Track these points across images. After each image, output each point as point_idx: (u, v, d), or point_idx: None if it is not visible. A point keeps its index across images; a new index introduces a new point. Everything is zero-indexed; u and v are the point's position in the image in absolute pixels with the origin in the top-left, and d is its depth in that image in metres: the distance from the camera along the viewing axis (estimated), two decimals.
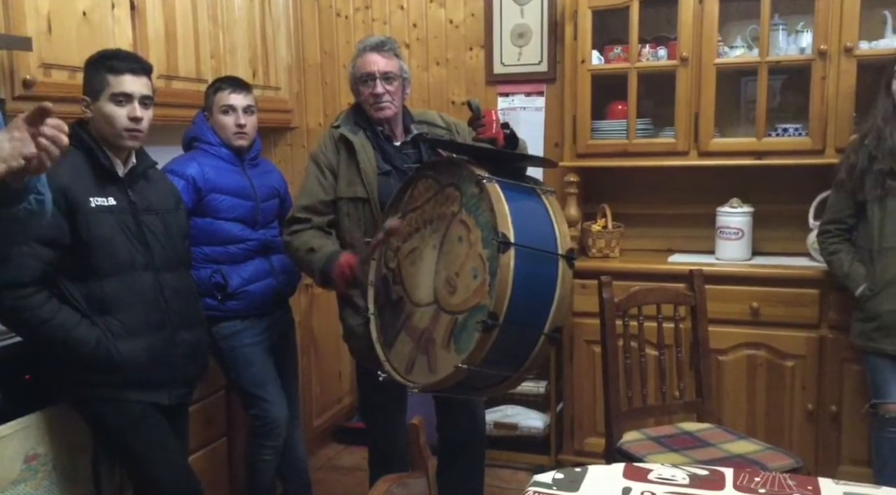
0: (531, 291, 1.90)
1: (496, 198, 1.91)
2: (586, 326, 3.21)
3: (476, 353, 1.87)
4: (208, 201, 2.61)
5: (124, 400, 2.12)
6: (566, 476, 1.61)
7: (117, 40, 2.67)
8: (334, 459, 3.69)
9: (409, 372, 2.11)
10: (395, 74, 2.41)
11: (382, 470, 2.41)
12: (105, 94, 2.08)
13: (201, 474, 2.52)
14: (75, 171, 2.06)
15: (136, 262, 2.13)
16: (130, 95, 2.09)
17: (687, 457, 2.31)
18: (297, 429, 2.94)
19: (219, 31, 3.28)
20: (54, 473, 2.16)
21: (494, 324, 1.84)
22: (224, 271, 2.63)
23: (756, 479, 1.57)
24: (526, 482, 2.03)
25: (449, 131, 2.54)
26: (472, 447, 2.64)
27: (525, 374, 2.05)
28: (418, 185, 2.26)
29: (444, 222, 2.10)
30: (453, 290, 2.00)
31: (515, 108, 3.74)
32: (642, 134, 3.31)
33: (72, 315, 2.03)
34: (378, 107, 2.41)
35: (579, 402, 3.33)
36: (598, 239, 3.38)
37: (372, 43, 2.44)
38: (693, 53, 3.14)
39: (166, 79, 2.94)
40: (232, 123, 2.65)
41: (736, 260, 3.21)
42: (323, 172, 2.43)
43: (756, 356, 3.05)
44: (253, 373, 2.68)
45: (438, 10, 3.84)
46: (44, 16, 2.42)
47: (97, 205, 2.07)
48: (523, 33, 3.68)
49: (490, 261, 1.89)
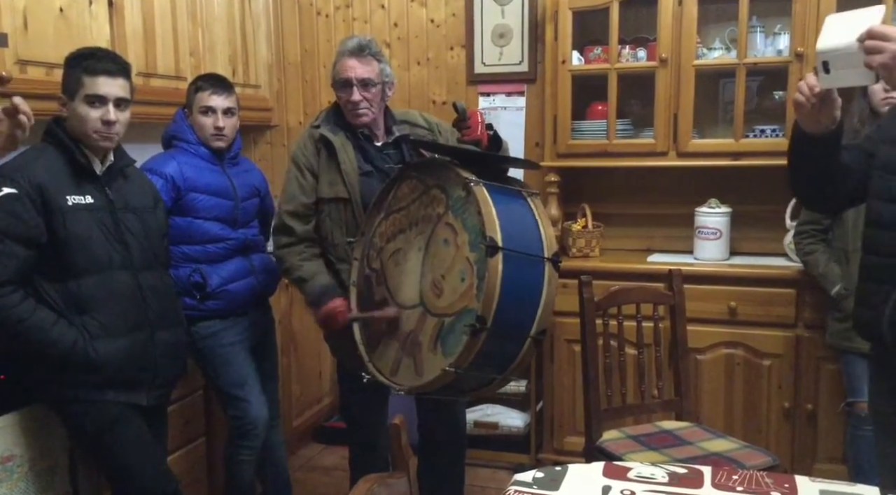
0: (519, 295, 1.91)
1: (483, 202, 1.91)
2: (566, 325, 3.22)
3: (464, 357, 1.87)
4: (187, 200, 2.59)
5: (102, 400, 2.10)
6: (546, 475, 1.62)
7: (95, 37, 2.65)
8: (314, 459, 3.67)
9: (395, 374, 2.11)
10: (373, 81, 2.39)
11: (363, 469, 2.40)
12: (79, 94, 2.05)
13: (180, 475, 2.50)
14: (52, 169, 2.04)
15: (113, 261, 2.11)
16: (104, 97, 2.05)
17: (666, 456, 2.33)
18: (277, 429, 2.92)
19: (198, 29, 3.26)
20: (31, 474, 2.13)
21: (483, 327, 1.84)
22: (203, 270, 2.61)
23: (734, 477, 1.59)
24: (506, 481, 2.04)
25: (430, 131, 2.54)
26: (452, 446, 2.65)
27: (510, 376, 2.06)
28: (402, 186, 2.26)
29: (429, 224, 2.10)
30: (440, 293, 2.00)
31: (496, 107, 3.75)
32: (622, 134, 3.33)
33: (48, 315, 2.01)
34: (355, 114, 2.40)
35: (559, 401, 3.34)
36: (578, 238, 3.40)
37: (350, 47, 2.41)
38: (672, 55, 3.16)
39: (145, 76, 2.92)
40: (210, 125, 2.63)
41: (714, 260, 3.24)
42: (303, 173, 2.42)
43: (734, 355, 3.08)
44: (232, 373, 2.66)
45: (419, 10, 3.83)
46: (20, 12, 2.39)
47: (74, 204, 2.04)
48: (504, 33, 3.69)
49: (478, 265, 1.90)
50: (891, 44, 1.54)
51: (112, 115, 2.06)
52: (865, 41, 1.57)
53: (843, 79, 1.71)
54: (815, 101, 1.75)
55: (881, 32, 1.56)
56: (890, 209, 1.84)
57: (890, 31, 1.56)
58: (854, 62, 1.63)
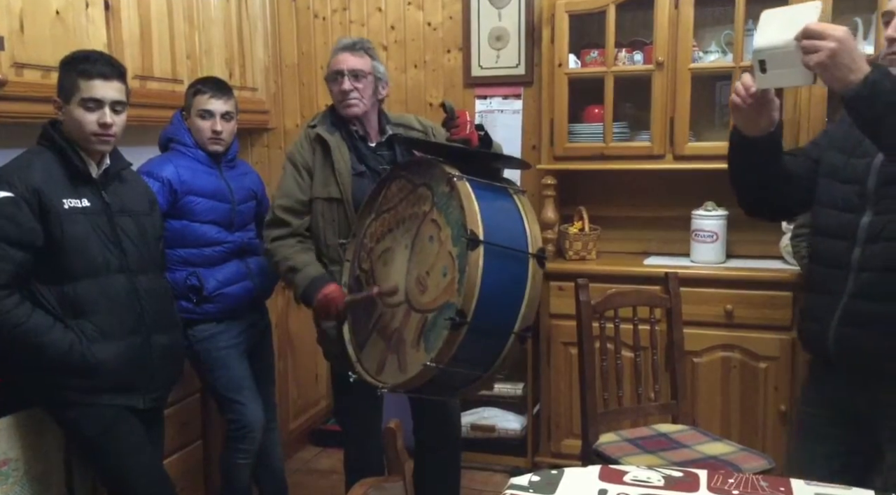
0: (500, 289, 1.89)
1: (466, 196, 1.91)
2: (563, 328, 3.22)
3: (444, 351, 1.86)
4: (184, 203, 2.58)
5: (98, 404, 2.09)
6: (542, 478, 1.62)
7: (91, 40, 2.64)
8: (311, 462, 3.67)
9: (380, 373, 2.10)
10: (363, 72, 2.41)
11: (359, 473, 2.39)
12: (75, 98, 2.04)
13: (176, 478, 2.50)
14: (48, 172, 2.04)
15: (110, 265, 2.11)
16: (100, 101, 2.05)
17: (662, 459, 2.33)
18: (274, 432, 2.92)
19: (195, 32, 3.26)
20: (26, 478, 2.13)
21: (462, 321, 1.83)
22: (200, 274, 2.61)
23: (730, 481, 1.59)
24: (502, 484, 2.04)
25: (425, 134, 2.55)
26: (448, 449, 2.65)
27: (496, 374, 2.04)
28: (392, 186, 2.26)
29: (415, 222, 2.10)
30: (424, 289, 2.00)
31: (493, 110, 3.75)
32: (619, 137, 3.34)
33: (45, 318, 2.01)
34: (345, 104, 2.41)
35: (556, 404, 3.34)
36: (574, 241, 3.40)
37: (344, 43, 2.45)
38: (668, 58, 3.17)
39: (141, 79, 2.92)
40: (208, 129, 2.63)
41: (710, 262, 3.24)
42: (300, 172, 2.43)
43: (730, 358, 3.09)
44: (229, 377, 2.66)
45: (416, 13, 3.84)
46: (16, 15, 2.39)
47: (70, 207, 2.04)
48: (501, 36, 3.69)
49: (459, 259, 1.89)
50: (827, 42, 1.48)
51: (108, 117, 2.06)
52: (802, 40, 1.51)
53: (780, 79, 1.65)
54: (752, 101, 1.70)
55: (817, 31, 1.50)
56: (833, 216, 1.81)
57: (826, 28, 1.50)
58: (792, 61, 1.57)
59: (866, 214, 1.74)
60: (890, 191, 1.71)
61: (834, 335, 1.78)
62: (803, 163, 1.89)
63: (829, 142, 1.89)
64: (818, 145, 1.93)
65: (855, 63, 1.50)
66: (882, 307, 1.71)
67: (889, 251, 1.70)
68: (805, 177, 1.88)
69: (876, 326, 1.72)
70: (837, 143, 1.85)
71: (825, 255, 1.83)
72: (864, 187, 1.75)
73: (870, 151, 1.74)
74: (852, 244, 1.75)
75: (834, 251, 1.79)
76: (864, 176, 1.75)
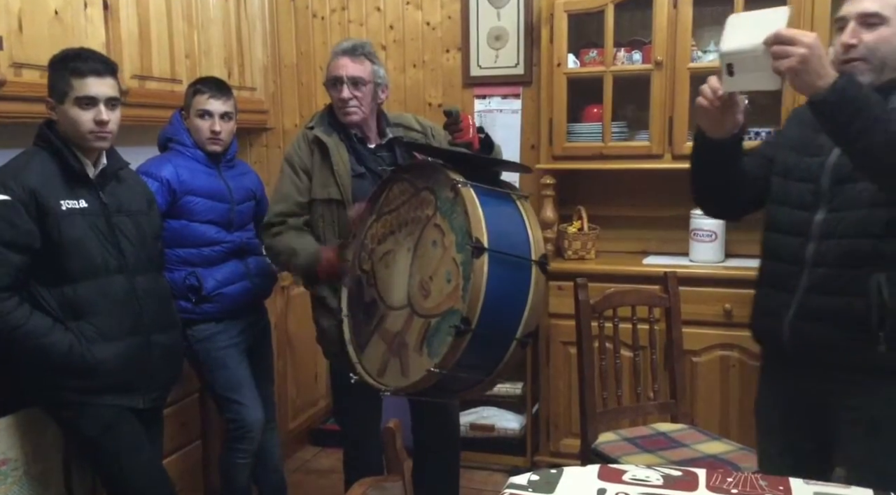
0: (504, 297, 1.90)
1: (471, 203, 1.91)
2: (562, 327, 3.22)
3: (448, 358, 1.87)
4: (183, 203, 2.58)
5: (97, 404, 2.09)
6: (542, 477, 1.62)
7: (90, 40, 2.64)
8: (310, 462, 3.67)
9: (382, 375, 2.11)
10: (363, 79, 2.39)
11: (358, 473, 2.40)
12: (69, 97, 2.02)
13: (176, 478, 2.50)
14: (45, 174, 2.03)
15: (108, 265, 2.10)
16: (95, 98, 2.03)
17: (661, 458, 2.33)
18: (273, 432, 2.92)
19: (193, 31, 3.26)
20: (25, 478, 2.13)
21: (467, 329, 1.84)
22: (199, 274, 2.61)
23: (728, 480, 1.59)
24: (502, 484, 2.04)
25: (424, 135, 2.54)
26: (447, 449, 2.65)
27: (497, 379, 2.06)
28: (394, 188, 2.26)
29: (418, 226, 2.10)
30: (427, 294, 2.00)
31: (492, 110, 3.75)
32: (617, 137, 3.34)
33: (44, 320, 2.00)
34: (345, 111, 2.41)
35: (555, 403, 3.34)
36: (574, 241, 3.40)
37: (343, 47, 2.43)
38: (667, 57, 3.17)
39: (140, 79, 2.92)
40: (207, 129, 2.63)
41: (709, 262, 3.24)
42: (297, 174, 2.43)
43: (729, 357, 3.09)
44: (228, 376, 2.66)
45: (415, 13, 3.84)
46: (14, 14, 2.39)
47: (68, 208, 2.03)
48: (500, 36, 3.69)
49: (464, 266, 1.89)
50: (798, 48, 1.51)
51: (104, 115, 2.05)
52: (773, 45, 1.53)
53: (747, 82, 1.66)
54: (719, 104, 1.72)
55: (789, 36, 1.52)
56: (787, 214, 1.84)
57: (798, 34, 1.52)
58: (760, 65, 1.58)
59: (820, 212, 1.77)
60: (843, 189, 1.74)
61: (789, 329, 1.81)
62: (758, 163, 1.93)
63: (781, 141, 1.93)
64: (771, 144, 1.97)
65: (824, 69, 1.53)
66: (837, 301, 1.74)
67: (843, 247, 1.73)
68: (760, 177, 1.92)
69: (831, 320, 1.74)
70: (790, 143, 1.89)
71: (779, 251, 1.86)
72: (819, 185, 1.78)
73: (822, 150, 1.78)
74: (806, 240, 1.79)
75: (788, 247, 1.83)
76: (818, 174, 1.78)
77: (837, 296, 1.73)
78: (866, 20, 1.68)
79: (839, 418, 1.80)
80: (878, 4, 1.67)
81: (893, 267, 1.69)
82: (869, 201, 1.70)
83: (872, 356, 1.71)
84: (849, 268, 1.72)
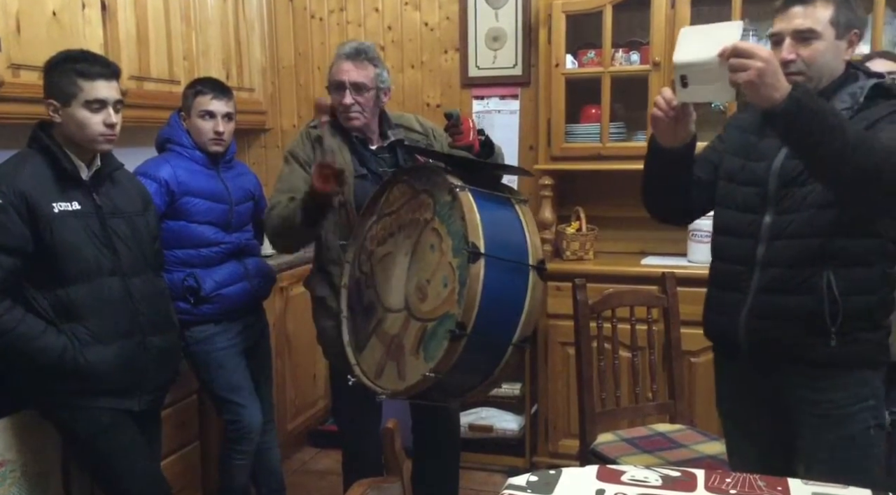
0: (500, 302, 1.90)
1: (468, 207, 1.91)
2: (560, 328, 3.22)
3: (444, 362, 1.87)
4: (181, 204, 2.58)
5: (94, 407, 2.09)
6: (540, 478, 1.62)
7: (88, 41, 2.64)
8: (309, 463, 3.67)
9: (379, 378, 2.11)
10: (366, 85, 2.38)
11: (357, 474, 2.39)
12: (78, 99, 2.02)
13: (174, 479, 2.50)
14: (36, 176, 2.02)
15: (102, 267, 2.09)
16: (105, 101, 2.04)
17: (659, 459, 2.33)
18: (271, 433, 2.92)
19: (192, 32, 3.26)
20: (23, 480, 2.13)
21: (462, 333, 1.84)
22: (197, 275, 2.60)
23: (727, 480, 1.59)
24: (500, 484, 2.04)
25: (426, 136, 2.54)
26: (446, 450, 2.65)
27: (494, 383, 2.06)
28: (394, 190, 2.26)
29: (416, 229, 2.10)
30: (424, 298, 2.00)
31: (490, 111, 3.75)
32: (615, 137, 3.34)
33: (36, 323, 1.99)
34: (347, 117, 2.40)
35: (553, 404, 3.34)
36: (572, 241, 3.40)
37: (347, 51, 2.41)
38: (665, 58, 3.17)
39: (138, 80, 2.91)
40: (210, 130, 2.62)
41: (707, 262, 3.20)
42: (303, 167, 2.42)
43: None
44: (226, 378, 2.66)
45: (413, 13, 3.84)
46: (12, 15, 2.38)
47: (61, 211, 2.02)
48: (498, 37, 3.70)
49: (460, 270, 1.89)
50: (755, 61, 1.56)
51: (113, 117, 2.06)
52: (730, 58, 1.59)
53: (701, 93, 1.72)
54: (673, 114, 1.79)
55: (746, 50, 1.57)
56: (735, 217, 1.90)
57: (755, 48, 1.58)
58: (713, 77, 1.63)
59: (768, 214, 1.84)
60: (790, 192, 1.81)
61: (744, 327, 1.88)
62: (704, 168, 2.00)
63: (724, 146, 2.00)
64: (715, 150, 2.04)
65: (779, 82, 1.58)
66: (790, 299, 1.81)
67: (793, 247, 1.80)
68: (707, 181, 1.99)
69: (785, 317, 1.82)
70: (732, 148, 1.96)
71: (729, 253, 1.94)
72: (765, 189, 1.85)
73: (766, 155, 1.86)
74: (755, 242, 1.86)
75: (738, 249, 1.90)
76: (764, 179, 1.85)
77: (790, 295, 1.81)
78: (801, 36, 1.76)
79: (796, 410, 1.87)
80: (811, 20, 1.75)
81: (842, 264, 1.77)
82: (815, 202, 1.78)
83: (825, 351, 1.79)
84: (799, 267, 1.80)
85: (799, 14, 1.76)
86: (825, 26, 1.75)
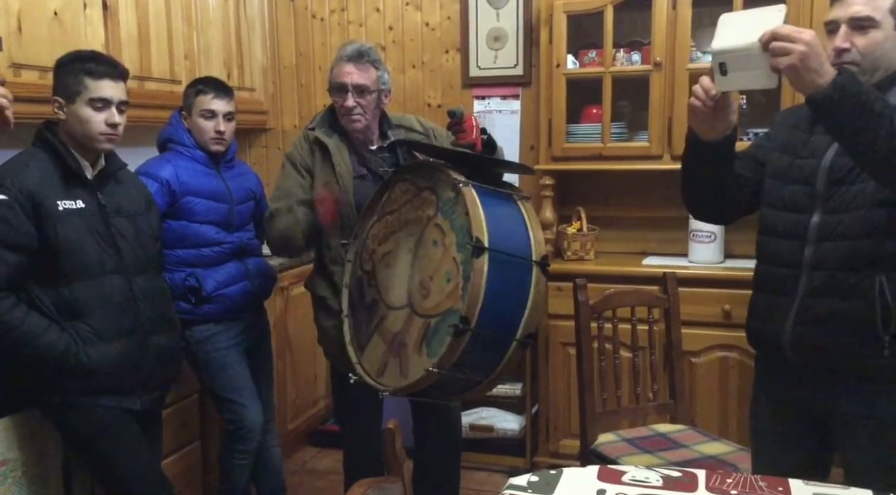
0: (504, 296, 1.90)
1: (472, 203, 1.91)
2: (561, 328, 3.22)
3: (447, 357, 1.86)
4: (183, 204, 2.58)
5: (95, 405, 2.09)
6: (541, 478, 1.62)
7: (89, 41, 2.64)
8: (309, 463, 3.67)
9: (381, 376, 2.11)
10: (368, 88, 2.38)
11: (358, 473, 2.40)
12: (82, 97, 2.04)
13: (175, 478, 2.50)
14: (42, 175, 2.03)
15: (105, 266, 2.10)
16: (109, 101, 2.05)
17: (660, 459, 2.33)
18: (272, 433, 2.92)
19: (193, 32, 3.26)
20: (24, 479, 2.13)
21: (466, 328, 1.83)
22: (198, 274, 2.60)
23: (728, 480, 1.59)
24: (501, 484, 2.04)
25: (426, 136, 2.54)
26: (447, 450, 2.65)
27: (497, 379, 2.05)
28: (396, 189, 2.26)
29: (419, 226, 2.10)
30: (427, 294, 2.00)
31: (491, 111, 3.75)
32: (617, 138, 3.34)
33: (40, 321, 2.00)
34: (348, 119, 2.41)
35: (554, 404, 3.34)
36: (573, 241, 3.40)
37: (349, 53, 2.40)
38: (667, 58, 3.17)
39: (139, 80, 2.91)
40: (211, 129, 2.62)
41: (708, 262, 3.24)
42: (300, 172, 2.42)
43: (728, 358, 3.09)
44: (227, 377, 2.66)
45: (414, 13, 3.84)
46: (14, 15, 2.39)
47: (65, 209, 2.03)
48: (499, 37, 3.69)
49: (464, 266, 1.89)
50: (797, 45, 1.47)
51: (116, 117, 2.07)
52: (771, 43, 1.50)
53: (741, 81, 1.63)
54: (712, 104, 1.69)
55: (787, 34, 1.49)
56: (783, 217, 1.81)
57: (797, 32, 1.49)
58: (754, 64, 1.55)
59: (816, 214, 1.75)
60: (839, 191, 1.72)
61: (791, 333, 1.78)
62: (749, 165, 1.91)
63: (772, 144, 1.91)
64: (762, 147, 1.94)
65: (822, 66, 1.50)
66: (839, 304, 1.71)
67: (842, 249, 1.71)
68: (752, 180, 1.90)
69: (834, 324, 1.72)
70: (780, 146, 1.87)
71: (776, 255, 1.84)
72: (814, 188, 1.76)
73: (816, 152, 1.77)
74: (803, 243, 1.76)
75: (785, 250, 1.81)
76: (813, 177, 1.76)
77: (839, 300, 1.71)
78: (858, 24, 1.67)
79: (840, 422, 1.78)
80: (869, 8, 1.66)
81: (894, 268, 1.67)
82: (866, 202, 1.68)
83: (877, 360, 1.69)
84: (849, 270, 1.70)
85: (858, 1, 1.66)
86: (885, 15, 1.65)
